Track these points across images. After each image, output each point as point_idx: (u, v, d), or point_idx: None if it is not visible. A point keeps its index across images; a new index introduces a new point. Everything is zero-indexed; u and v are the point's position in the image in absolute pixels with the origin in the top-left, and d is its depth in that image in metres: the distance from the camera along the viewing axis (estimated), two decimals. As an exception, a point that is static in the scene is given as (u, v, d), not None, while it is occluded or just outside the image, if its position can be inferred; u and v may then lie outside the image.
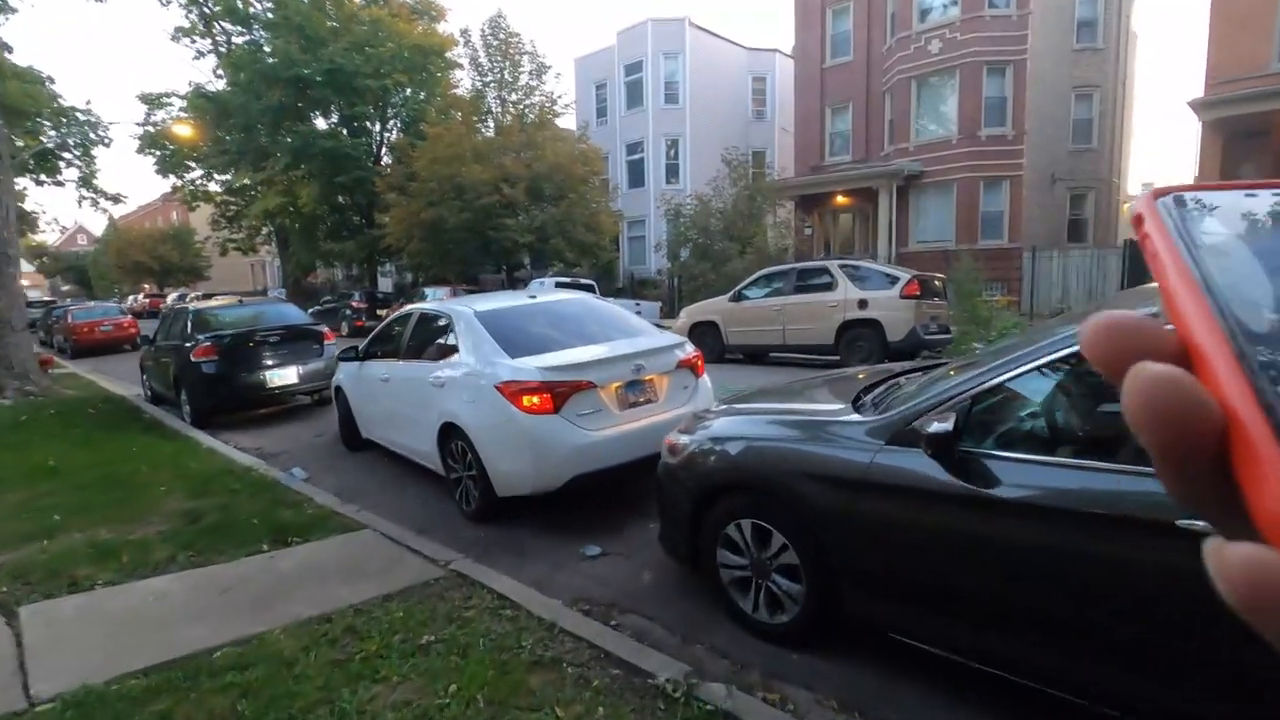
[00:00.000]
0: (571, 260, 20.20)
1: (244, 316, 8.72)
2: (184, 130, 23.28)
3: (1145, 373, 0.19)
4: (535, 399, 4.11)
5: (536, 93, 21.95)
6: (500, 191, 19.14)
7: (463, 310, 4.93)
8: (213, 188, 31.71)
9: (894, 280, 10.30)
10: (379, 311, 20.42)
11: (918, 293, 10.05)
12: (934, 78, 20.62)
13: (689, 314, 12.59)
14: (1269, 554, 0.16)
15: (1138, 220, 0.24)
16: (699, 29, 28.29)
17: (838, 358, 10.73)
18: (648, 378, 4.50)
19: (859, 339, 10.43)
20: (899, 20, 21.05)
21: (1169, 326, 0.20)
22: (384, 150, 27.42)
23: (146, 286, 47.65)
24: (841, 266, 10.81)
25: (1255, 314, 0.19)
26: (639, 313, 15.30)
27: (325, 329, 8.95)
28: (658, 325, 15.08)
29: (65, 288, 63.38)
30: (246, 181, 27.85)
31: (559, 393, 4.13)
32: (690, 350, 4.84)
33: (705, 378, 4.92)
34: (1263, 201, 0.23)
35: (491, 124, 23.58)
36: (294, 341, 8.42)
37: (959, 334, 11.04)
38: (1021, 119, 19.94)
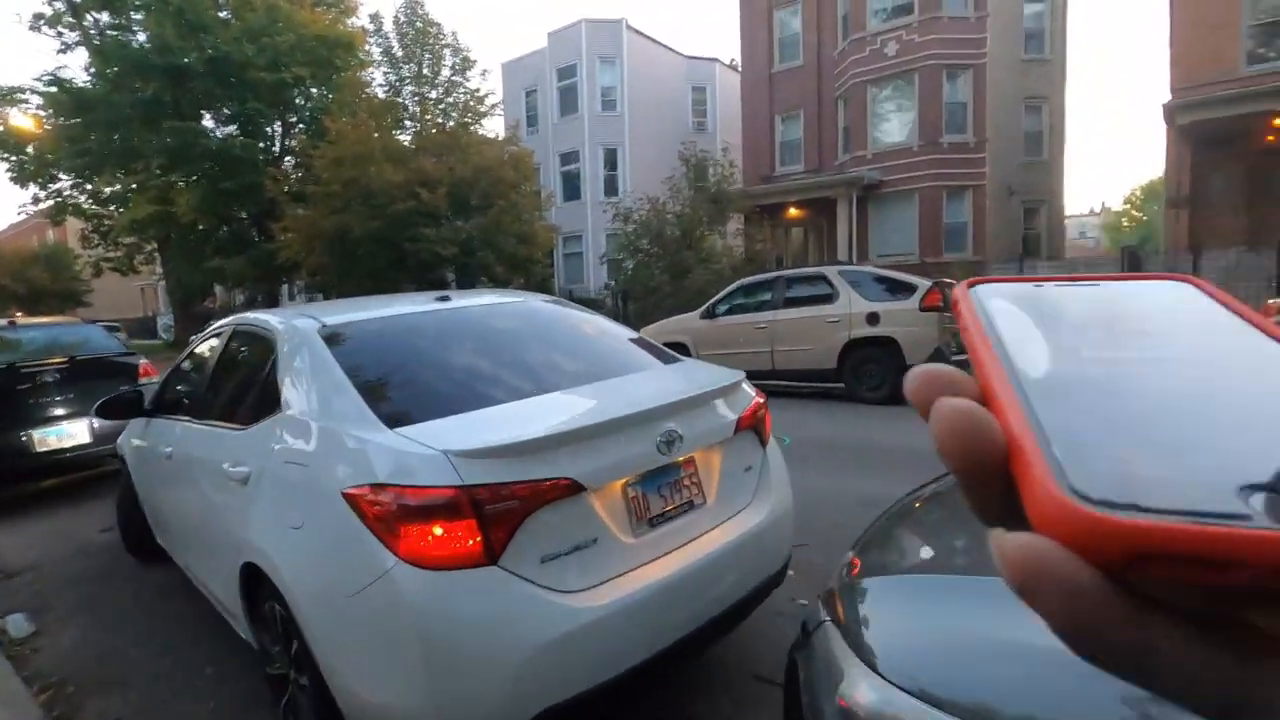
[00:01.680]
0: (501, 277, 17.66)
1: (13, 343, 5.83)
2: (25, 123, 19.44)
3: (944, 405, 0.23)
4: (439, 529, 1.70)
5: (460, 89, 19.39)
6: (417, 197, 16.47)
7: (299, 326, 2.46)
8: (83, 200, 27.44)
9: (906, 289, 8.37)
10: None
11: (940, 304, 8.14)
12: (891, 81, 19.38)
13: (650, 335, 10.34)
14: (1037, 539, 0.19)
15: (954, 302, 0.30)
16: (636, 33, 26.56)
17: (841, 385, 8.68)
18: (684, 459, 2.15)
19: (869, 361, 8.41)
20: (852, 21, 19.79)
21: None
22: (286, 155, 24.14)
23: (18, 315, 41.70)
24: (842, 273, 8.81)
25: (1034, 365, 0.24)
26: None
27: (143, 362, 6.15)
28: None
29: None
30: (117, 188, 23.93)
31: (500, 512, 1.74)
32: (751, 395, 2.53)
33: (773, 443, 2.61)
34: (1046, 290, 0.30)
35: (410, 126, 20.88)
36: (86, 381, 5.58)
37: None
38: (983, 126, 18.91)
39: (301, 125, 22.84)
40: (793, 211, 21.20)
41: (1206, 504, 0.18)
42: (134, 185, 22.63)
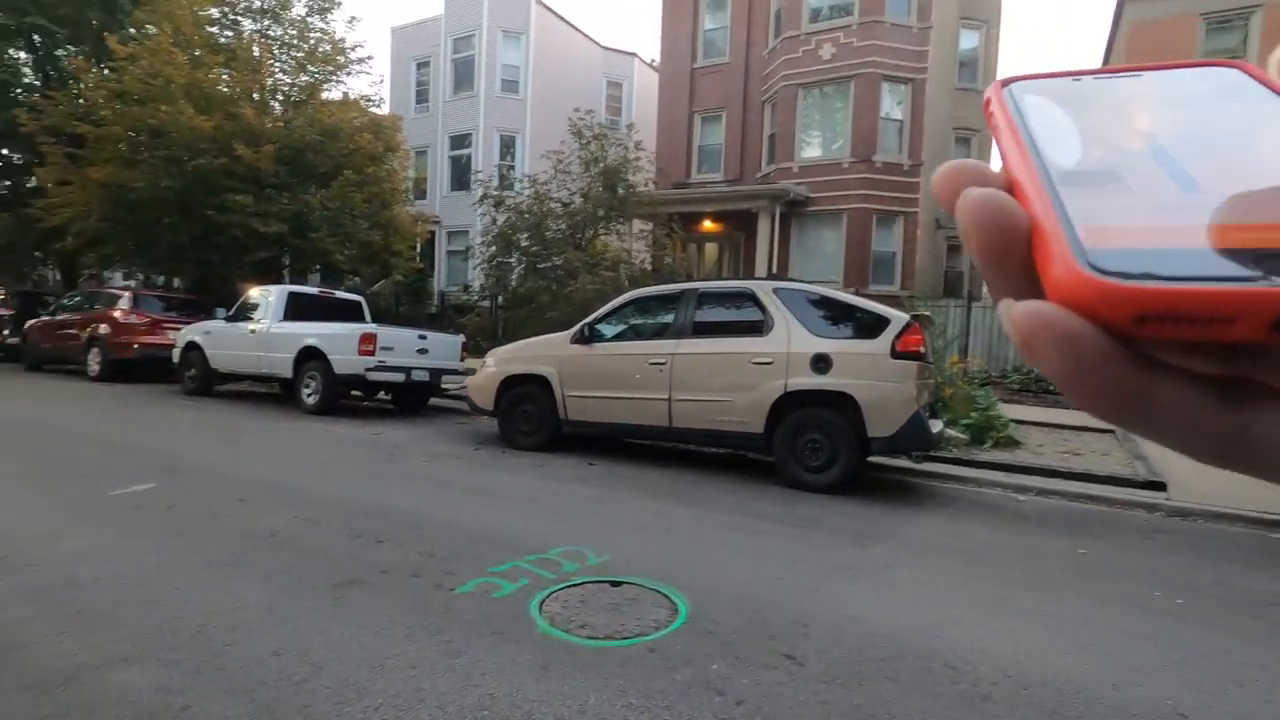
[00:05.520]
0: (345, 266, 13.92)
1: None
2: None
3: (971, 192, 0.24)
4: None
5: (315, 30, 15.53)
6: (232, 152, 12.55)
7: None
8: None
9: (868, 323, 5.63)
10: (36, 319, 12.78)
11: (918, 349, 5.45)
12: (825, 88, 17.26)
13: (501, 360, 7.16)
14: (1043, 303, 0.22)
15: (987, 103, 0.29)
16: (547, 9, 23.50)
17: (770, 457, 5.84)
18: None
19: (812, 426, 5.58)
20: (785, 18, 17.59)
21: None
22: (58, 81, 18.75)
23: None
24: (778, 292, 5.98)
25: (1064, 155, 0.25)
26: (424, 350, 9.54)
27: None
28: (452, 371, 9.22)
29: None
30: None
31: None
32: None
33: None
34: (1084, 83, 0.30)
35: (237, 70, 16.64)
36: None
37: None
38: (919, 148, 17.09)
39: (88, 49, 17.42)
40: (708, 224, 18.65)
41: (1214, 270, 0.19)
42: None
